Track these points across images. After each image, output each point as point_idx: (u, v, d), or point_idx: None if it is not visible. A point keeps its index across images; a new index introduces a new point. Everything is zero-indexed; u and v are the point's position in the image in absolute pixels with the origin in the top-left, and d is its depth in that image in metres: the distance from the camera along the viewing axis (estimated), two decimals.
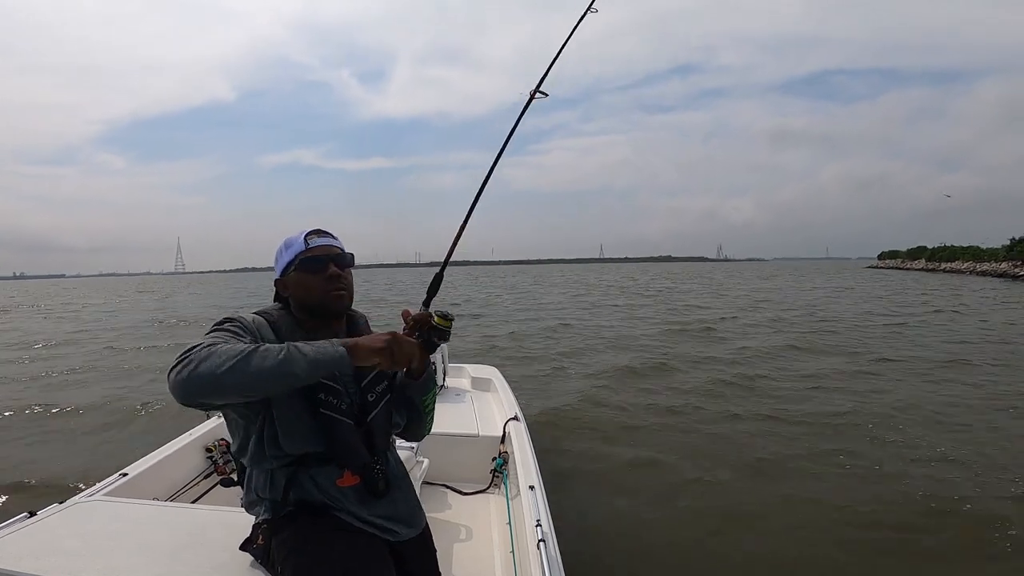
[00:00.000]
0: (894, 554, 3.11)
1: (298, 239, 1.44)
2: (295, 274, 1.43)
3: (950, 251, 62.48)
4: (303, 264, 1.42)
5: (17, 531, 1.67)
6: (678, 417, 5.67)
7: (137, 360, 10.23)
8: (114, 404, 6.61)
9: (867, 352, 9.34)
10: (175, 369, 1.11)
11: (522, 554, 1.92)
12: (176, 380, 1.10)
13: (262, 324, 1.37)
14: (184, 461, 2.58)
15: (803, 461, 4.39)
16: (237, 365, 1.10)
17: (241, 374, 1.10)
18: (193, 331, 14.77)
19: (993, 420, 5.43)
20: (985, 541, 3.20)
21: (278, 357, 1.13)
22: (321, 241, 1.44)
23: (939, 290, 27.37)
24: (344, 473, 1.38)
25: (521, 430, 2.93)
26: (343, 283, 1.45)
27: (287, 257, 1.44)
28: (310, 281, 1.42)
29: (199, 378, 1.09)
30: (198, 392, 1.10)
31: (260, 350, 1.13)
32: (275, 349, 1.14)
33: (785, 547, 3.16)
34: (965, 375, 7.53)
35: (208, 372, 1.09)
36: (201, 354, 1.11)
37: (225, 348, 1.13)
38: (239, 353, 1.11)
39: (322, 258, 1.43)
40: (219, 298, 32.20)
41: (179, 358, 1.12)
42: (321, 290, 1.41)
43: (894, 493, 3.79)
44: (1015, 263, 42.88)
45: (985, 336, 11.29)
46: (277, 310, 1.46)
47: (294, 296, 1.45)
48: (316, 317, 1.44)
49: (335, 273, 1.43)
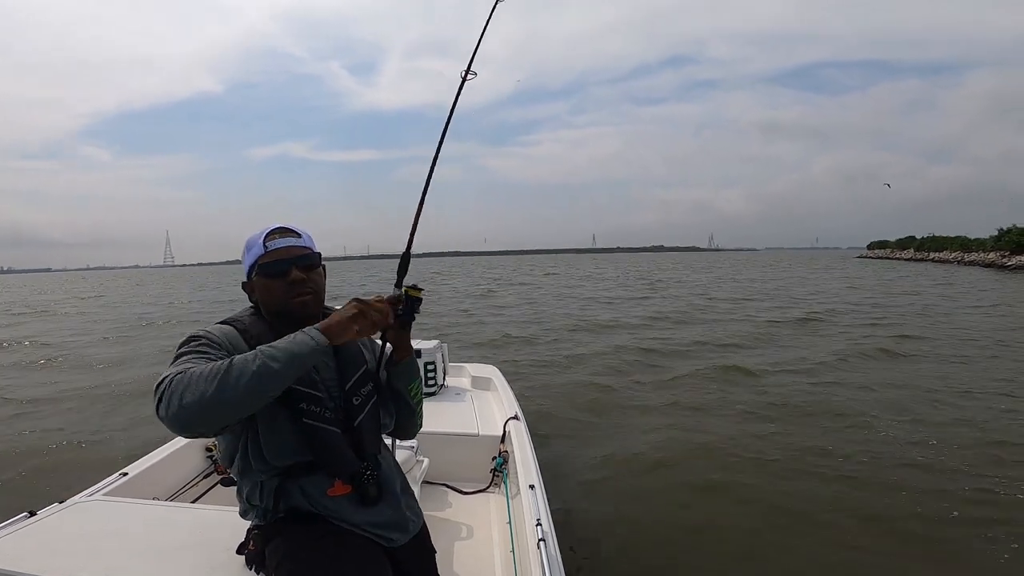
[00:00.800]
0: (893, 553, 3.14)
1: (257, 241, 1.36)
2: (257, 278, 1.36)
3: (938, 241, 62.97)
4: (262, 269, 1.34)
5: (17, 531, 1.67)
6: (678, 418, 5.67)
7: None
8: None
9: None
10: (160, 406, 1.06)
11: (522, 553, 1.92)
12: (167, 418, 1.05)
13: (231, 335, 1.30)
14: (184, 461, 2.58)
15: (813, 459, 4.40)
16: (219, 386, 1.04)
17: (226, 393, 1.04)
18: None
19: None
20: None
21: (255, 364, 1.07)
22: (281, 243, 1.35)
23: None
24: (334, 483, 1.33)
25: (521, 429, 2.93)
26: (309, 287, 1.36)
27: (248, 260, 1.37)
28: (271, 286, 1.34)
29: (187, 411, 1.04)
30: (193, 424, 1.06)
31: (235, 363, 1.07)
32: (249, 357, 1.09)
33: (789, 548, 3.18)
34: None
35: (194, 402, 1.03)
36: (178, 385, 1.05)
37: (198, 372, 1.06)
38: (215, 373, 1.05)
39: (283, 262, 1.34)
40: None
41: (158, 393, 1.07)
42: (283, 295, 1.34)
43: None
44: (1003, 253, 43.32)
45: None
46: (249, 315, 1.38)
47: (260, 300, 1.38)
48: (286, 321, 1.35)
49: (298, 278, 1.34)
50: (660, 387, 6.90)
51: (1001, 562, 3.01)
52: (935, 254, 58.43)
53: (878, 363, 8.12)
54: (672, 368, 7.95)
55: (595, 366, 8.16)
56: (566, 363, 8.49)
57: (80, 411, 6.45)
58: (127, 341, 12.54)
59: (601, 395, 6.57)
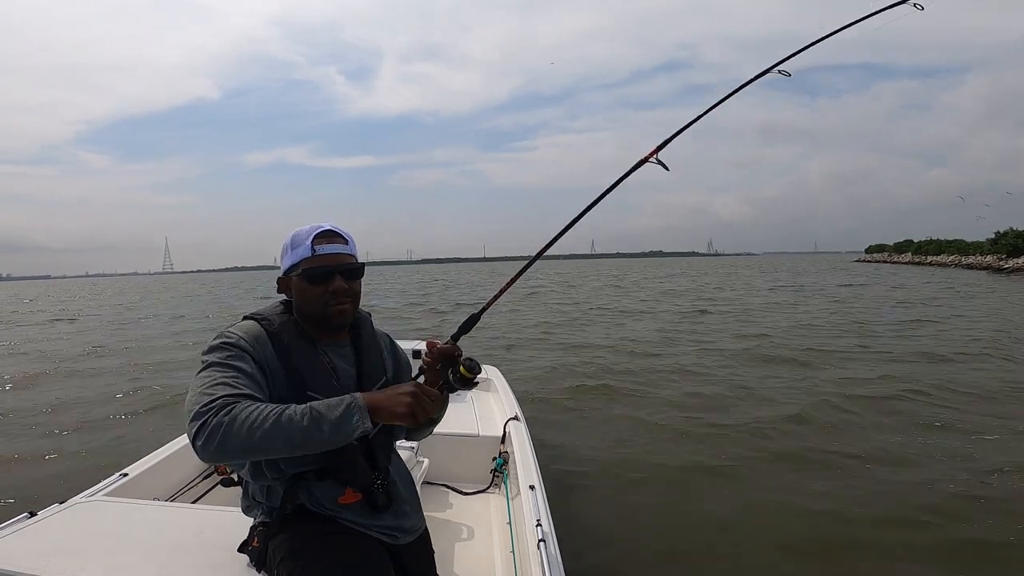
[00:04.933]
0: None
1: (305, 242, 1.32)
2: (296, 279, 1.33)
3: (936, 244, 63.10)
4: (306, 274, 1.31)
5: (17, 531, 1.67)
6: (681, 416, 5.67)
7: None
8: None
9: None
10: (199, 440, 1.07)
11: (522, 554, 1.92)
12: (205, 453, 1.08)
13: (260, 338, 1.28)
14: (184, 461, 2.57)
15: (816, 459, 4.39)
16: (262, 440, 1.07)
17: (268, 447, 1.08)
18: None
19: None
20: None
21: (302, 433, 1.08)
22: (330, 249, 1.32)
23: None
24: (345, 491, 1.34)
25: (521, 430, 2.93)
26: (348, 296, 1.34)
27: (290, 259, 1.33)
28: (311, 292, 1.32)
29: (228, 453, 1.08)
30: (225, 460, 1.20)
31: (283, 422, 1.08)
32: (297, 417, 1.09)
33: (790, 548, 3.16)
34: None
35: (236, 448, 1.07)
36: (221, 421, 1.07)
37: (246, 416, 1.07)
38: (261, 424, 1.07)
39: (328, 269, 1.31)
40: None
41: (198, 424, 1.08)
42: (321, 304, 1.32)
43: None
44: (999, 256, 43.45)
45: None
46: (279, 313, 1.36)
47: (296, 301, 1.36)
48: (319, 326, 1.36)
49: (341, 288, 1.32)
50: (661, 388, 6.91)
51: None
52: (933, 257, 58.54)
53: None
54: (675, 368, 7.97)
55: (596, 369, 8.16)
56: (569, 367, 8.50)
57: (80, 411, 6.43)
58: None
59: (601, 395, 6.59)
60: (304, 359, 1.31)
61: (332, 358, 1.37)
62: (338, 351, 1.40)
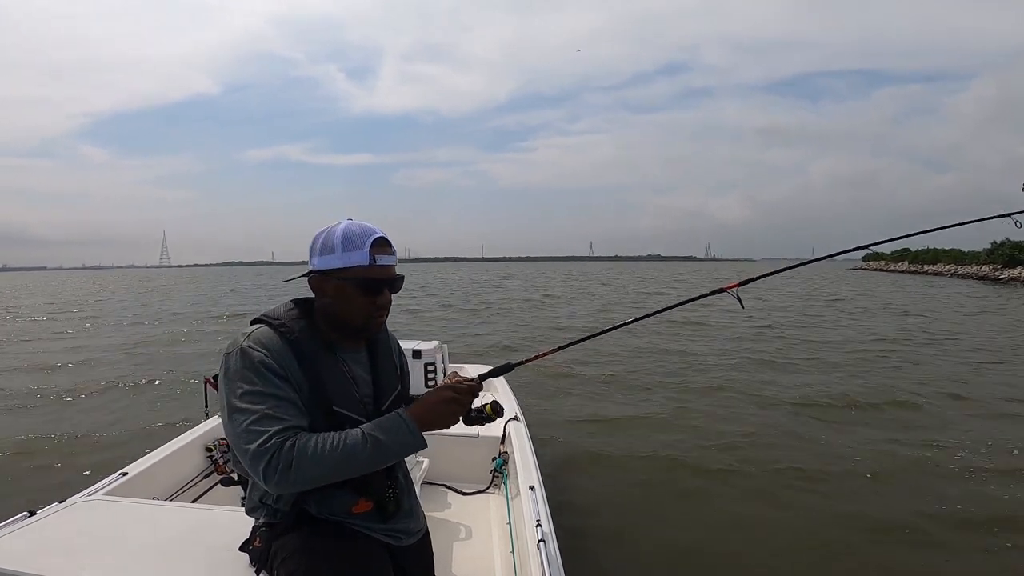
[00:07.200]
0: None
1: (362, 248, 1.24)
2: (344, 284, 1.26)
3: (933, 253, 63.23)
4: (359, 282, 1.25)
5: (17, 531, 1.67)
6: (681, 419, 5.68)
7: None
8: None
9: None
10: (268, 476, 1.11)
11: (522, 554, 1.93)
12: (276, 487, 1.13)
13: (280, 348, 1.22)
14: (184, 460, 2.57)
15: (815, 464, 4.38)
16: (336, 469, 1.14)
17: (341, 473, 1.16)
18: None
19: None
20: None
21: (371, 461, 1.16)
22: (386, 260, 1.28)
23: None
24: (359, 500, 1.32)
25: (521, 430, 2.93)
26: (387, 309, 1.33)
27: (341, 261, 1.25)
28: (359, 301, 1.27)
29: (303, 484, 1.14)
30: (298, 489, 1.19)
31: (348, 449, 1.14)
32: (360, 446, 1.15)
33: (791, 549, 3.17)
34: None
35: (312, 478, 1.13)
36: (289, 458, 1.11)
37: (311, 451, 1.12)
38: (329, 453, 1.13)
39: (382, 281, 1.28)
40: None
41: (261, 462, 1.10)
42: (366, 314, 1.29)
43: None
44: (995, 266, 43.59)
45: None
46: (294, 318, 1.29)
47: (331, 303, 1.29)
48: (347, 332, 1.32)
49: (387, 302, 1.31)
50: (661, 388, 6.92)
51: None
52: (929, 266, 58.67)
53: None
54: (677, 369, 7.98)
55: (596, 369, 8.17)
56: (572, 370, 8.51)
57: (81, 411, 6.40)
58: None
59: (602, 395, 6.59)
60: (327, 370, 1.29)
61: (351, 366, 1.35)
62: (355, 358, 1.38)
